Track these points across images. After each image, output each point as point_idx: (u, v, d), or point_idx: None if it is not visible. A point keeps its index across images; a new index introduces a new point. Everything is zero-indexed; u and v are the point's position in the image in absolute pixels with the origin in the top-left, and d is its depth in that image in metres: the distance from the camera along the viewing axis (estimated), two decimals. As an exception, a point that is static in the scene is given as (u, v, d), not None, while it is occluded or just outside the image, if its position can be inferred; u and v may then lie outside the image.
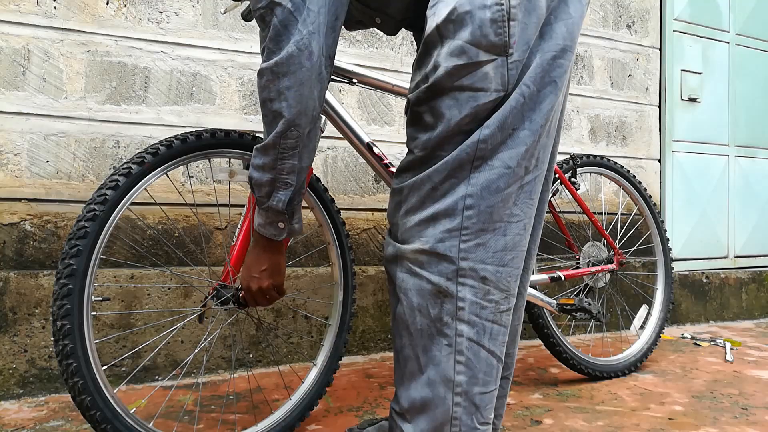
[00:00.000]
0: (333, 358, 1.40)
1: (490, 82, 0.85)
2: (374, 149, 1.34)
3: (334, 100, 1.32)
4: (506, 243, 0.90)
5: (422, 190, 0.89)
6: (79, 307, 1.00)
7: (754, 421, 1.42)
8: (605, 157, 1.91)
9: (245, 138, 1.24)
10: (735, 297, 2.82)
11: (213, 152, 1.20)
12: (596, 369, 1.76)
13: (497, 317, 0.90)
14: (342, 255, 1.40)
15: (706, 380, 1.76)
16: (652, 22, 2.79)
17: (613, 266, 1.82)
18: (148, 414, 1.40)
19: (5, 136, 1.67)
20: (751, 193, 3.09)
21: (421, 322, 0.89)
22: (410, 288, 0.90)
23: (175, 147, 1.13)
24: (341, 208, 2.08)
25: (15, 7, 1.68)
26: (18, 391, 1.54)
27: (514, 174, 0.88)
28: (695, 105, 2.91)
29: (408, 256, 0.90)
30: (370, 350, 2.01)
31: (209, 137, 1.18)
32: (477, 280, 0.88)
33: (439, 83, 0.87)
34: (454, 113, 0.86)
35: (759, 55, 3.12)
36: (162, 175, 1.13)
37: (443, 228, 0.88)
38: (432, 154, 0.89)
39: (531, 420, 1.42)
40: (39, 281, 1.59)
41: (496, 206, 0.88)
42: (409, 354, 0.91)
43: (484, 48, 0.84)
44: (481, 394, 0.90)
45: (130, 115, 1.81)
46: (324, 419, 1.41)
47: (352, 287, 1.42)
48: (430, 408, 0.89)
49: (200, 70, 1.90)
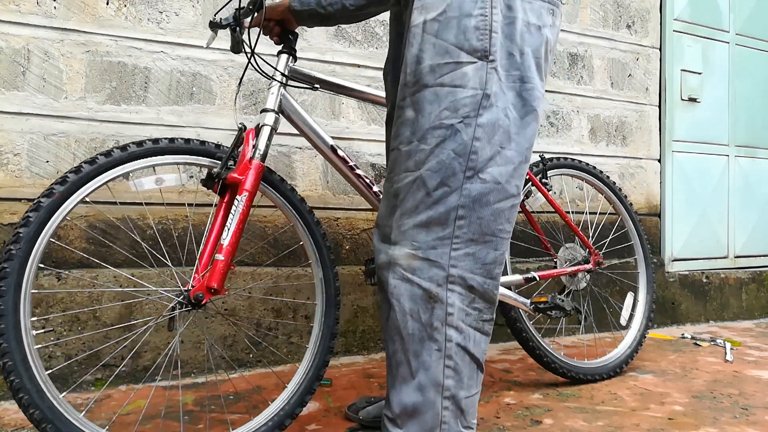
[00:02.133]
0: (316, 368, 1.31)
1: (469, 80, 0.91)
2: (338, 152, 1.39)
3: (294, 103, 1.35)
4: (496, 257, 0.95)
5: (417, 195, 0.93)
6: (14, 307, 1.01)
7: (754, 421, 1.42)
8: (576, 158, 1.90)
9: (193, 143, 1.24)
10: (735, 297, 2.82)
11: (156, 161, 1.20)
12: (578, 372, 1.71)
13: (480, 325, 0.94)
14: (320, 254, 1.36)
15: (706, 380, 1.76)
16: (652, 22, 2.79)
17: (590, 266, 1.79)
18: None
19: (5, 136, 1.67)
20: (751, 193, 3.09)
21: (413, 326, 0.92)
22: (402, 293, 0.92)
23: (115, 155, 1.15)
24: (341, 207, 2.08)
25: (15, 7, 1.68)
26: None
27: (504, 191, 0.93)
28: (695, 105, 2.91)
29: (401, 263, 0.93)
30: (370, 350, 2.01)
31: (139, 148, 1.17)
32: (464, 288, 0.92)
33: (421, 79, 0.93)
34: (434, 107, 0.92)
35: (759, 55, 3.12)
36: (101, 184, 1.14)
37: (435, 235, 0.91)
38: (417, 147, 0.93)
39: (531, 420, 1.42)
40: (39, 281, 1.59)
41: (486, 219, 0.92)
42: (401, 359, 0.93)
43: (467, 50, 0.91)
44: (466, 398, 0.93)
45: (130, 115, 1.81)
46: (324, 419, 1.41)
47: (335, 289, 1.37)
48: (421, 413, 0.91)
49: (200, 70, 1.90)
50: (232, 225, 1.18)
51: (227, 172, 1.19)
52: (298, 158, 2.02)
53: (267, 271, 1.88)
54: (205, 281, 1.14)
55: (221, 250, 1.15)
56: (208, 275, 1.14)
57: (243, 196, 1.18)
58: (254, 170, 1.21)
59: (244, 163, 1.21)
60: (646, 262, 1.98)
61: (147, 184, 1.21)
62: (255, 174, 1.21)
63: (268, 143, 1.25)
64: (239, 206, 1.18)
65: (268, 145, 1.25)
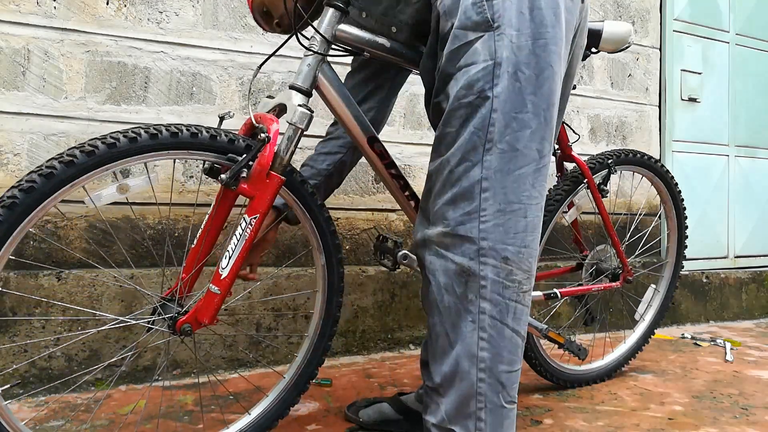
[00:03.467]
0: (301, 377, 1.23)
1: (479, 55, 0.92)
2: (375, 145, 1.20)
3: (333, 76, 1.10)
4: (527, 224, 0.94)
5: (442, 174, 0.95)
6: None
7: (754, 421, 1.42)
8: (645, 154, 1.74)
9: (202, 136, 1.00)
10: (735, 297, 2.82)
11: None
12: (561, 378, 1.64)
13: (520, 297, 0.94)
14: (322, 239, 1.18)
15: (706, 380, 1.76)
16: (652, 22, 2.79)
17: (617, 284, 1.67)
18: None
19: (5, 136, 1.67)
20: (751, 193, 3.09)
21: (449, 300, 0.93)
22: (437, 269, 0.95)
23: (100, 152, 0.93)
24: (341, 207, 2.08)
25: (15, 7, 1.68)
26: (18, 391, 1.54)
27: (523, 156, 0.93)
28: (695, 105, 2.91)
29: (434, 240, 0.95)
30: (370, 350, 2.01)
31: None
32: (499, 260, 0.92)
33: (445, 70, 0.95)
34: (454, 90, 0.93)
35: (759, 55, 3.12)
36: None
37: (463, 210, 0.92)
38: (443, 131, 0.95)
39: (531, 420, 1.42)
40: (39, 281, 1.59)
41: (510, 188, 0.92)
42: (440, 331, 0.95)
43: (471, 28, 0.92)
44: (506, 372, 0.93)
45: (130, 115, 1.81)
46: (324, 419, 1.41)
47: (338, 293, 1.23)
48: (457, 382, 0.93)
49: (200, 70, 1.90)
50: (235, 252, 0.99)
51: (237, 183, 1.00)
52: (297, 158, 2.02)
53: (267, 271, 1.88)
54: (195, 313, 1.00)
55: (218, 282, 0.99)
56: (201, 307, 1.00)
57: (253, 218, 0.99)
58: (272, 188, 1.00)
59: (261, 176, 1.00)
60: (674, 275, 1.85)
61: (108, 196, 0.98)
62: (272, 193, 1.01)
63: (294, 149, 1.04)
64: (247, 230, 0.99)
65: (294, 151, 1.05)
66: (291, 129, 1.04)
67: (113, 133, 0.94)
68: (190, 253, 1.09)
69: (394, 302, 2.05)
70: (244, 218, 1.01)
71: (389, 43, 1.13)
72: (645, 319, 1.85)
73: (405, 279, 2.07)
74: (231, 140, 1.02)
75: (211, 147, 1.00)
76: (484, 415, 0.91)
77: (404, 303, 2.06)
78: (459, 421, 0.92)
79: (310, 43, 1.07)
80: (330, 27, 1.06)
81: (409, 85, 2.19)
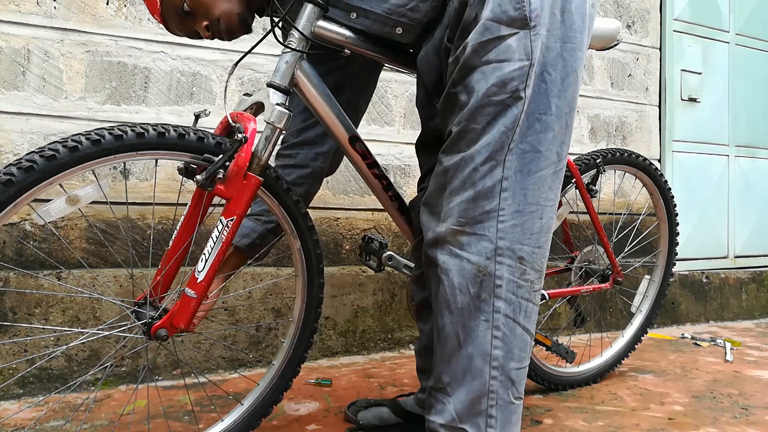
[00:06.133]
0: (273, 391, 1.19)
1: (514, 52, 0.90)
2: (357, 145, 1.16)
3: (312, 74, 1.07)
4: (542, 225, 0.94)
5: (465, 171, 0.93)
6: None
7: (754, 421, 1.42)
8: (633, 152, 1.73)
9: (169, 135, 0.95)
10: (735, 297, 2.82)
11: None
12: (551, 381, 1.61)
13: (531, 296, 0.95)
14: (294, 223, 1.12)
15: (706, 380, 1.76)
16: (652, 22, 2.79)
17: (607, 285, 1.66)
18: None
19: (5, 136, 1.67)
20: (751, 193, 3.09)
21: (462, 300, 0.93)
22: (451, 269, 0.93)
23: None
24: (341, 207, 2.08)
25: (15, 7, 1.68)
26: (18, 391, 1.54)
27: (544, 158, 0.93)
28: (695, 105, 2.91)
29: (449, 239, 0.93)
30: (370, 350, 2.01)
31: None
32: (514, 260, 0.92)
33: (468, 61, 0.92)
34: (482, 85, 0.91)
35: (759, 55, 3.12)
36: None
37: (482, 209, 0.91)
38: (466, 127, 0.93)
39: (531, 420, 1.42)
40: (39, 281, 1.59)
41: (530, 189, 0.92)
42: (449, 332, 0.95)
43: (506, 23, 0.90)
44: (516, 369, 0.94)
45: (130, 116, 1.81)
46: (324, 419, 1.40)
47: (319, 274, 1.18)
48: (468, 380, 0.92)
49: (200, 70, 1.90)
50: (211, 255, 0.96)
51: (213, 184, 0.96)
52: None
53: (267, 271, 1.88)
54: (171, 318, 0.97)
55: (194, 285, 0.96)
56: (177, 312, 0.97)
57: (230, 221, 0.97)
58: (249, 190, 0.97)
59: (238, 177, 0.96)
60: (662, 284, 1.85)
61: (57, 210, 0.91)
62: (249, 194, 0.97)
63: (272, 148, 1.01)
64: (224, 232, 0.96)
65: (272, 151, 1.02)
66: (269, 128, 1.00)
67: (51, 144, 0.88)
68: (165, 256, 1.05)
69: (394, 302, 2.05)
70: (221, 220, 0.97)
71: (376, 41, 1.10)
72: (642, 311, 1.85)
73: (405, 279, 2.07)
74: (200, 138, 0.98)
75: (181, 146, 0.96)
76: (495, 412, 0.92)
77: (404, 303, 2.06)
78: (470, 419, 0.92)
79: (289, 39, 1.04)
80: (309, 23, 1.02)
81: (410, 85, 2.19)
